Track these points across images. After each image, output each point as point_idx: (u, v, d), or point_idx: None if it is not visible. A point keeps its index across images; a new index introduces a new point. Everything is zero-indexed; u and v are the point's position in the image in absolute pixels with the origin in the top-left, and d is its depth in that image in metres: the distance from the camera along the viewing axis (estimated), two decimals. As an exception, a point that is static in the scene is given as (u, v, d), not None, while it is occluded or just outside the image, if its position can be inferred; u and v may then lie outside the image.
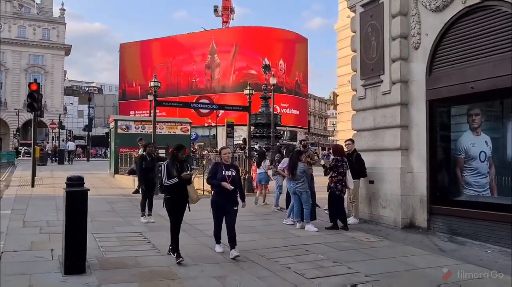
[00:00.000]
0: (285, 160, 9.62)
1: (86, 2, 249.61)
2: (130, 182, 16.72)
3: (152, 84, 13.75)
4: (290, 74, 72.76)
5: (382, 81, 9.58)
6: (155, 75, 13.86)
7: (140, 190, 10.04)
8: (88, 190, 5.75)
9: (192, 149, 25.03)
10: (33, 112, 15.35)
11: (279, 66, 71.84)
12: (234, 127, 74.37)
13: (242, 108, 15.26)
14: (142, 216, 9.46)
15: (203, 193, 15.68)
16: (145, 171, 9.58)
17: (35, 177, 15.81)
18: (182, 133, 20.84)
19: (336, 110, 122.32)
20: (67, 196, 5.49)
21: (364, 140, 10.21)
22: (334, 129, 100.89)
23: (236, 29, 76.65)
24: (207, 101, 14.82)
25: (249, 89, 15.03)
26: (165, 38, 79.52)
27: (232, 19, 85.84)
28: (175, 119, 21.49)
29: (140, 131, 20.46)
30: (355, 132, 10.85)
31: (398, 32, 9.24)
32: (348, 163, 9.18)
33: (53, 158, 34.00)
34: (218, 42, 73.32)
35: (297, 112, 73.73)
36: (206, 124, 55.33)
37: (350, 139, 10.00)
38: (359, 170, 9.53)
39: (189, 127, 21.41)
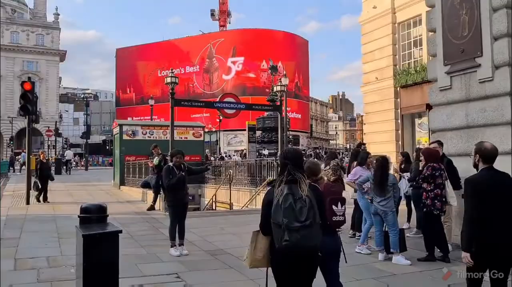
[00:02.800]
0: (358, 170, 7.44)
1: (79, 9, 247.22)
2: (140, 196, 14.48)
3: (169, 80, 11.55)
4: (289, 77, 70.64)
5: (479, 65, 7.39)
6: (171, 70, 11.65)
7: (168, 213, 7.64)
8: (120, 231, 3.45)
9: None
10: (27, 116, 13.09)
11: (278, 68, 69.80)
12: (235, 132, 72.15)
13: (273, 108, 13.07)
14: (172, 247, 7.20)
15: (230, 209, 13.50)
16: (174, 188, 7.31)
17: (30, 191, 13.55)
18: (195, 139, 18.63)
19: (336, 113, 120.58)
20: (86, 245, 3.22)
21: (451, 142, 8.01)
22: (336, 132, 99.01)
23: (234, 32, 74.87)
24: (233, 100, 12.57)
25: (280, 85, 12.85)
26: (162, 42, 77.48)
27: (229, 23, 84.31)
28: (186, 123, 19.27)
29: (148, 136, 18.23)
30: (434, 132, 8.64)
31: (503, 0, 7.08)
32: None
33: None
34: (216, 45, 71.49)
35: (299, 115, 71.92)
36: (206, 129, 53.16)
37: (438, 141, 7.76)
38: (452, 180, 7.31)
39: (201, 132, 19.20)
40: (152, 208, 11.98)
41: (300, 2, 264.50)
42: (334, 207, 4.01)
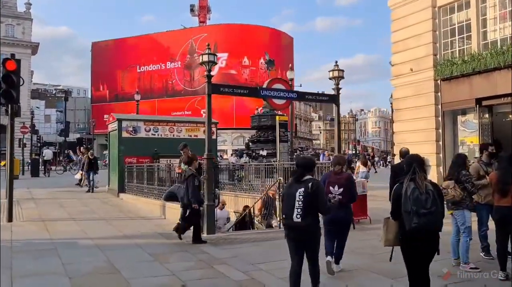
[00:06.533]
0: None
1: (50, 4, 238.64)
2: (154, 208, 11.52)
3: (205, 58, 8.68)
4: (272, 73, 68.20)
5: None
6: (208, 45, 8.80)
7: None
8: None
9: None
10: (9, 106, 10.02)
11: (260, 65, 67.65)
12: (217, 131, 70.01)
13: (329, 98, 10.38)
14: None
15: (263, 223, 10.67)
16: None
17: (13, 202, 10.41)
18: (206, 137, 15.71)
19: (316, 113, 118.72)
20: None
21: None
22: (320, 132, 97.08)
23: (217, 26, 71.97)
24: (282, 87, 9.70)
25: (337, 69, 10.16)
26: (141, 37, 74.05)
27: (209, 19, 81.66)
28: (196, 119, 16.30)
29: (152, 134, 15.30)
30: None
31: None
32: None
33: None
34: (198, 41, 68.50)
35: (284, 114, 69.44)
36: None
37: None
38: None
39: (214, 129, 16.31)
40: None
41: (276, 3, 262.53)
42: (331, 188, 5.88)
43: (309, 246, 4.74)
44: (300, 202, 4.54)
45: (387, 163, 57.19)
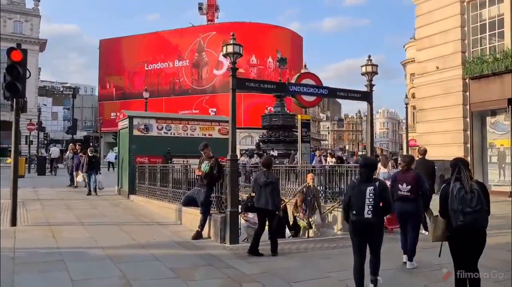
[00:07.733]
0: None
1: (56, 2, 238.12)
2: (168, 212, 10.66)
3: (230, 49, 7.84)
4: (283, 72, 67.27)
5: None
6: (233, 34, 7.97)
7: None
8: None
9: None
10: (13, 99, 9.22)
11: (268, 63, 66.74)
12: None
13: (361, 95, 9.49)
14: None
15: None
16: None
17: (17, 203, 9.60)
18: (221, 136, 14.88)
19: (323, 113, 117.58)
20: None
21: None
22: (328, 133, 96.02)
23: (225, 25, 70.97)
24: (312, 83, 8.84)
25: (370, 64, 9.30)
26: (149, 34, 73.12)
27: (217, 18, 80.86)
28: (211, 117, 15.46)
29: (164, 132, 14.48)
30: None
31: None
32: None
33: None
34: (207, 39, 67.73)
35: (296, 113, 68.58)
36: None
37: None
38: None
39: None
40: (199, 235, 8.22)
41: (280, 2, 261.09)
42: (399, 185, 6.41)
43: (373, 241, 5.03)
44: (371, 199, 4.84)
45: (398, 164, 56.18)
